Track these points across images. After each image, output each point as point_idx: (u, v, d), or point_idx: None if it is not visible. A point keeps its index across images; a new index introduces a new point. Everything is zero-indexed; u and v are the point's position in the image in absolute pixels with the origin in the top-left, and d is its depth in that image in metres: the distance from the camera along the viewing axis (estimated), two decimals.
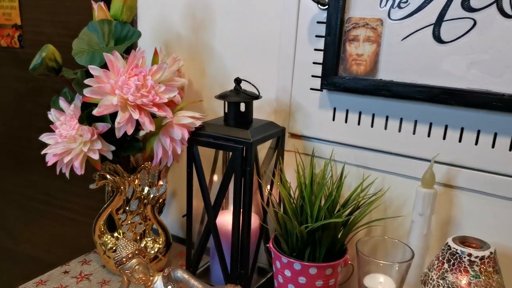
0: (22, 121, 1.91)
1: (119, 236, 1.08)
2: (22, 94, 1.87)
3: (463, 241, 0.81)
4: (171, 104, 0.92)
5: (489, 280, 0.77)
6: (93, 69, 0.86)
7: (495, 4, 0.78)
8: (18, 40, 1.76)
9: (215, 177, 1.05)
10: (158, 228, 1.08)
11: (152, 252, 1.08)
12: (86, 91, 0.85)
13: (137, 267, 0.87)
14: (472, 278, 0.77)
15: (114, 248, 1.06)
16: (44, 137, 0.95)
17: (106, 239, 1.08)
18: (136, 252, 0.89)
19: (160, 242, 1.09)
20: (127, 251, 0.88)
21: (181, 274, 0.88)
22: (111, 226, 1.10)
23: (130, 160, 1.05)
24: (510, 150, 0.83)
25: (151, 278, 0.89)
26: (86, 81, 0.84)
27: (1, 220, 2.16)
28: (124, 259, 0.87)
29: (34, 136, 1.78)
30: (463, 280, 0.77)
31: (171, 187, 1.26)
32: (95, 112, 0.84)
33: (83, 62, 0.93)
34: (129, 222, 1.07)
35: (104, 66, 0.87)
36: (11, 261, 2.10)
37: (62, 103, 0.96)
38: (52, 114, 0.97)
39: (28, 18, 1.71)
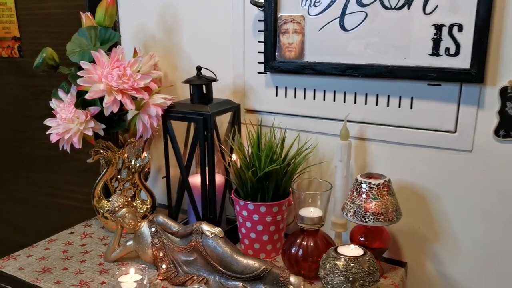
0: (24, 124, 2.12)
1: None
2: (23, 99, 2.10)
3: (369, 176, 1.09)
4: (148, 90, 1.19)
5: (385, 201, 1.05)
6: (84, 64, 1.13)
7: (378, 0, 1.06)
8: (18, 51, 2.02)
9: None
10: (145, 192, 1.35)
11: (141, 211, 1.35)
12: (79, 81, 1.12)
13: (127, 214, 1.15)
14: (372, 200, 1.05)
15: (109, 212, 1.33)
16: (48, 121, 1.22)
17: (103, 204, 1.35)
18: (126, 203, 1.16)
19: (148, 203, 1.35)
20: (118, 203, 1.16)
21: (161, 218, 1.15)
22: (107, 194, 1.36)
23: (119, 138, 1.32)
24: (399, 107, 1.12)
25: (139, 223, 1.16)
26: (79, 73, 1.12)
27: (9, 217, 2.37)
28: (116, 208, 1.15)
29: (36, 136, 2.03)
30: (366, 202, 1.05)
31: (156, 163, 1.53)
32: (87, 96, 1.11)
33: (76, 59, 1.20)
34: (121, 188, 1.34)
35: (93, 62, 1.15)
36: None
37: (60, 93, 1.23)
38: (53, 103, 1.23)
39: (26, 31, 1.96)
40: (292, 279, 1.01)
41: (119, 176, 1.33)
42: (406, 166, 1.16)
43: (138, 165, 1.32)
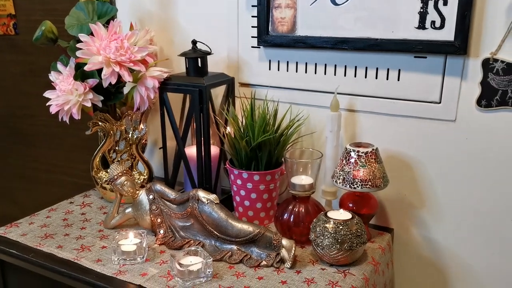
0: (21, 100, 2.15)
1: None
2: (20, 76, 2.12)
3: (358, 145, 1.14)
4: (145, 63, 1.23)
5: (372, 168, 1.10)
6: (82, 37, 1.17)
7: None
8: (13, 28, 2.04)
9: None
10: (142, 163, 1.40)
11: (139, 182, 1.39)
12: (78, 53, 1.16)
13: (126, 182, 1.19)
14: (360, 167, 1.10)
15: (108, 180, 1.37)
16: (47, 93, 1.25)
17: (101, 174, 1.39)
18: (125, 171, 1.21)
19: (145, 174, 1.40)
20: (118, 171, 1.20)
21: (159, 186, 1.19)
22: (104, 165, 1.41)
23: (116, 110, 1.36)
24: (387, 79, 1.16)
25: (137, 191, 1.20)
26: (78, 45, 1.15)
27: (9, 192, 2.41)
28: (116, 176, 1.19)
29: (34, 113, 2.06)
30: (355, 170, 1.10)
31: (152, 135, 1.57)
32: (86, 68, 1.15)
33: (74, 32, 1.24)
34: (119, 159, 1.38)
35: (90, 35, 1.18)
36: None
37: (59, 66, 1.26)
38: (52, 75, 1.26)
39: (21, 8, 1.98)
40: (284, 242, 1.06)
41: (117, 148, 1.37)
42: (393, 136, 1.20)
43: (135, 137, 1.36)
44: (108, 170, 1.35)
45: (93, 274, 1.02)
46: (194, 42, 1.26)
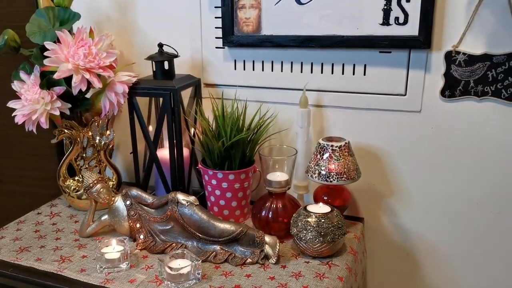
0: None
1: (79, 179, 1.36)
2: None
3: (330, 139, 1.18)
4: (112, 68, 1.22)
5: (346, 161, 1.14)
6: (49, 44, 1.14)
7: None
8: None
9: (150, 128, 1.36)
10: (111, 168, 1.38)
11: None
12: (46, 61, 1.13)
13: (102, 189, 1.18)
14: (335, 161, 1.14)
15: (76, 189, 1.35)
16: (11, 103, 1.22)
17: (69, 183, 1.36)
18: (100, 178, 1.19)
19: (113, 179, 1.38)
20: (93, 178, 1.19)
21: (135, 191, 1.18)
22: (71, 173, 1.38)
23: (82, 117, 1.33)
24: (353, 74, 1.21)
25: (113, 198, 1.19)
26: (46, 53, 1.13)
27: None
28: (91, 184, 1.18)
29: None
30: (330, 164, 1.14)
31: (115, 140, 1.55)
32: (56, 76, 1.13)
33: (37, 40, 1.21)
34: (86, 166, 1.36)
35: (54, 42, 1.16)
36: None
37: (22, 75, 1.22)
38: (15, 85, 1.23)
39: None
40: (267, 238, 1.09)
41: (84, 155, 1.35)
42: (360, 128, 1.25)
43: (103, 143, 1.34)
44: (76, 180, 1.34)
45: (80, 285, 1.00)
46: (160, 45, 1.26)
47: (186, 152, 1.33)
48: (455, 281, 1.29)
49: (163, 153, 1.31)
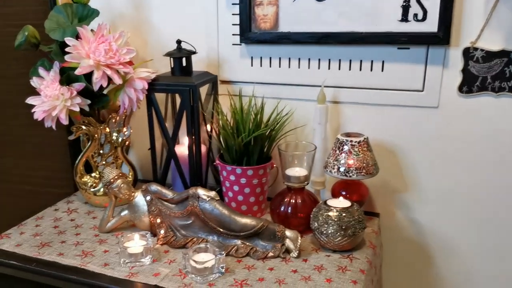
0: None
1: (96, 175, 1.37)
2: None
3: (348, 135, 1.19)
4: (130, 64, 1.23)
5: (365, 156, 1.16)
6: (70, 40, 1.15)
7: None
8: None
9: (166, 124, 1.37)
10: (127, 165, 1.39)
11: None
12: (67, 57, 1.14)
13: (122, 185, 1.19)
14: (354, 156, 1.15)
15: (94, 185, 1.35)
16: (30, 100, 1.22)
17: (86, 179, 1.37)
18: (120, 174, 1.20)
19: (130, 176, 1.39)
20: (113, 174, 1.19)
21: (155, 187, 1.19)
22: (87, 169, 1.39)
23: (100, 113, 1.34)
24: (371, 70, 1.22)
25: (133, 193, 1.20)
26: (68, 49, 1.13)
27: None
28: (112, 180, 1.18)
29: None
30: (349, 159, 1.15)
31: (132, 136, 1.56)
32: (77, 71, 1.13)
33: (57, 37, 1.21)
34: (103, 162, 1.36)
35: (76, 38, 1.16)
36: None
37: (41, 71, 1.23)
38: (35, 81, 1.23)
39: None
40: (288, 233, 1.10)
41: (101, 151, 1.35)
42: (377, 124, 1.26)
43: (120, 139, 1.35)
44: (99, 175, 1.34)
45: (105, 279, 1.01)
46: (178, 42, 1.27)
47: (203, 148, 1.34)
48: (470, 276, 1.31)
49: (180, 149, 1.32)
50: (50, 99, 1.19)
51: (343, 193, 1.21)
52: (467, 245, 1.28)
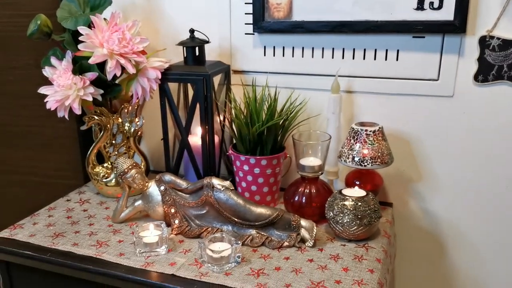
0: None
1: (109, 166, 1.37)
2: None
3: (363, 124, 1.19)
4: (143, 53, 1.22)
5: (380, 146, 1.15)
6: (83, 29, 1.14)
7: None
8: None
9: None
10: (140, 155, 1.38)
11: None
12: (80, 46, 1.14)
13: (136, 175, 1.19)
14: (369, 146, 1.15)
15: (106, 176, 1.35)
16: (43, 89, 1.22)
17: (98, 170, 1.36)
18: (134, 164, 1.20)
19: (142, 166, 1.39)
20: (127, 164, 1.19)
21: (169, 177, 1.19)
22: (99, 160, 1.38)
23: (112, 103, 1.33)
24: (386, 60, 1.21)
25: (147, 183, 1.20)
26: (81, 38, 1.13)
27: None
28: (126, 170, 1.18)
29: None
30: (364, 148, 1.15)
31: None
32: (91, 60, 1.13)
33: (69, 26, 1.21)
34: (116, 152, 1.36)
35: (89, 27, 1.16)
36: None
37: (53, 61, 1.22)
38: (47, 71, 1.23)
39: None
40: (303, 222, 1.10)
41: (113, 142, 1.35)
42: (391, 114, 1.26)
43: (132, 129, 1.34)
44: (111, 165, 1.34)
45: (121, 268, 1.01)
46: (192, 31, 1.26)
47: (216, 138, 1.33)
48: (483, 267, 1.30)
49: (192, 139, 1.32)
50: (63, 88, 1.18)
51: (357, 182, 1.21)
52: (481, 235, 1.27)
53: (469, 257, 1.31)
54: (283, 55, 1.32)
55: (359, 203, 1.06)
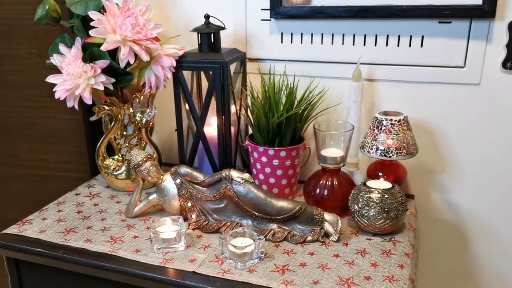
0: None
1: (119, 158, 1.32)
2: None
3: (386, 113, 1.14)
4: (157, 40, 1.17)
5: (405, 135, 1.11)
6: (94, 14, 1.09)
7: None
8: None
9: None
10: (151, 147, 1.33)
11: None
12: (92, 32, 1.08)
13: (151, 167, 1.13)
14: (394, 136, 1.10)
15: (116, 168, 1.30)
16: (51, 78, 1.16)
17: (108, 162, 1.31)
18: (148, 156, 1.15)
19: (154, 158, 1.34)
20: (141, 157, 1.14)
21: (185, 169, 1.14)
22: (109, 152, 1.33)
23: (123, 93, 1.28)
24: (410, 46, 1.16)
25: (162, 176, 1.15)
26: (93, 23, 1.07)
27: None
28: (140, 162, 1.13)
29: None
30: (389, 138, 1.10)
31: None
32: (103, 47, 1.08)
33: (79, 11, 1.15)
34: (127, 144, 1.31)
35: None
36: None
37: (62, 48, 1.16)
38: (55, 58, 1.17)
39: None
40: (327, 216, 1.05)
41: (124, 133, 1.30)
42: (415, 103, 1.21)
43: (144, 120, 1.29)
44: (121, 157, 1.29)
45: (139, 266, 0.96)
46: (207, 17, 1.21)
47: (232, 129, 1.28)
48: (507, 258, 1.26)
49: (208, 130, 1.27)
50: (72, 77, 1.13)
51: (380, 174, 1.16)
52: (505, 226, 1.23)
53: (492, 248, 1.27)
54: (301, 42, 1.26)
55: (386, 196, 1.02)
